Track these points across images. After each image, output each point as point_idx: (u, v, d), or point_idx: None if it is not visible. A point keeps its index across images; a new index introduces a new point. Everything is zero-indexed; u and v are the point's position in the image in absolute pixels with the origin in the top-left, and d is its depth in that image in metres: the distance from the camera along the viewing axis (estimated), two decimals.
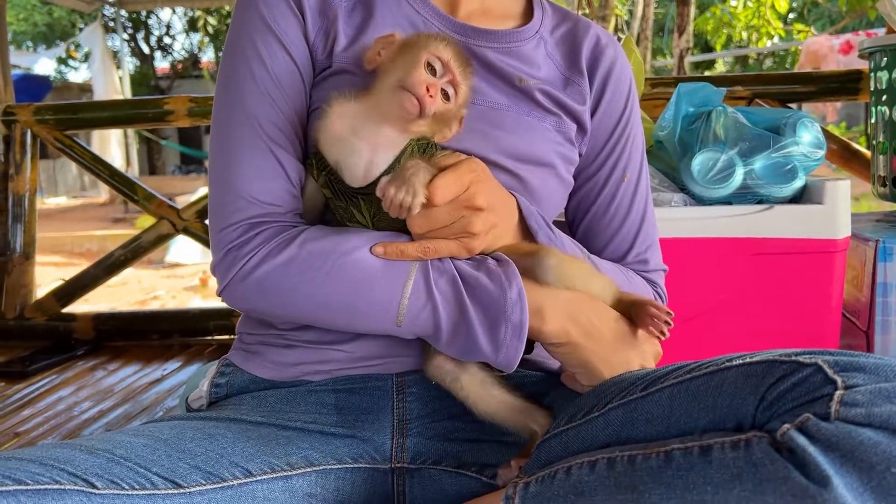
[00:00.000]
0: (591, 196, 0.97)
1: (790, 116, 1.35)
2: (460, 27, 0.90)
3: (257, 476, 0.79)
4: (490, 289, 0.77)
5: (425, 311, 0.78)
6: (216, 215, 0.84)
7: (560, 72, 0.94)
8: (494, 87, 0.90)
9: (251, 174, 0.82)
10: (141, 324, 2.20)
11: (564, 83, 0.94)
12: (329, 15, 0.87)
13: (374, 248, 0.79)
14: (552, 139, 0.91)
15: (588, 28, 0.98)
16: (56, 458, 0.71)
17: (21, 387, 1.81)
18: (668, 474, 0.63)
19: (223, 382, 0.94)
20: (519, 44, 0.92)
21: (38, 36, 13.87)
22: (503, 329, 0.77)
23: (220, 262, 0.83)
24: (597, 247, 0.98)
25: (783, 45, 9.42)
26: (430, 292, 0.78)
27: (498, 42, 0.91)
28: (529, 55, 0.92)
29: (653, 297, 0.98)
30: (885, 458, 0.55)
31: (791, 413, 0.60)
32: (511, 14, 0.96)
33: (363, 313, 0.79)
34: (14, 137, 2.21)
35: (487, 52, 0.90)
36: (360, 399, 0.87)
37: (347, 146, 0.79)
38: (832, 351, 0.64)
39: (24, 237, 2.21)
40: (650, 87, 1.91)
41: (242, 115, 0.83)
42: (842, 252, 1.30)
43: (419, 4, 0.90)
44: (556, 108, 0.92)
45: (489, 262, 0.80)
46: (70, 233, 7.01)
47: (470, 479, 0.84)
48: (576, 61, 0.95)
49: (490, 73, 0.90)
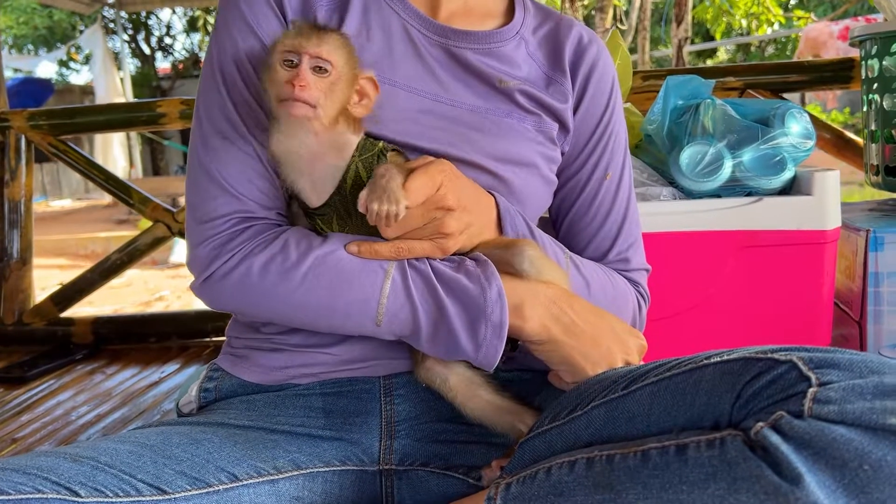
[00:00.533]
0: (574, 194, 0.97)
1: (779, 107, 1.34)
2: (440, 29, 0.90)
3: (244, 480, 0.80)
4: (469, 289, 0.78)
5: (404, 311, 0.78)
6: (197, 209, 0.84)
7: (543, 71, 0.94)
8: (474, 89, 0.90)
9: (235, 171, 0.83)
10: (139, 327, 2.21)
11: (547, 82, 0.94)
12: (309, 16, 0.87)
13: (347, 246, 0.79)
14: (533, 139, 0.91)
15: (570, 27, 0.98)
16: (39, 466, 0.71)
17: (20, 392, 1.82)
18: (644, 473, 0.63)
19: (212, 387, 0.94)
20: (499, 44, 0.92)
21: (39, 39, 13.88)
22: (483, 328, 0.77)
23: (200, 256, 0.83)
24: (579, 245, 0.98)
25: (784, 32, 9.36)
26: (409, 292, 0.78)
27: (478, 43, 0.91)
28: (510, 55, 0.92)
29: (634, 298, 0.98)
30: (858, 455, 0.55)
31: (766, 411, 0.60)
32: (493, 13, 0.96)
33: (342, 313, 0.80)
34: (8, 143, 2.21)
35: (468, 53, 0.90)
36: (348, 402, 0.87)
37: (291, 170, 0.80)
38: (808, 347, 0.64)
39: (20, 242, 2.22)
40: (641, 79, 1.91)
41: (225, 115, 0.84)
42: (832, 243, 1.29)
43: (399, 6, 0.90)
44: (538, 108, 0.92)
45: (468, 263, 0.80)
46: (74, 235, 7.03)
47: (457, 481, 0.85)
48: (558, 60, 0.95)
49: (470, 75, 0.90)
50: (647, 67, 6.39)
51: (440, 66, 0.89)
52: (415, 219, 0.77)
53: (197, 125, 0.86)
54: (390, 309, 0.78)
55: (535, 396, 0.88)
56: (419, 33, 0.89)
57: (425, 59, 0.89)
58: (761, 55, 13.38)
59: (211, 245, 0.82)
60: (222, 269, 0.81)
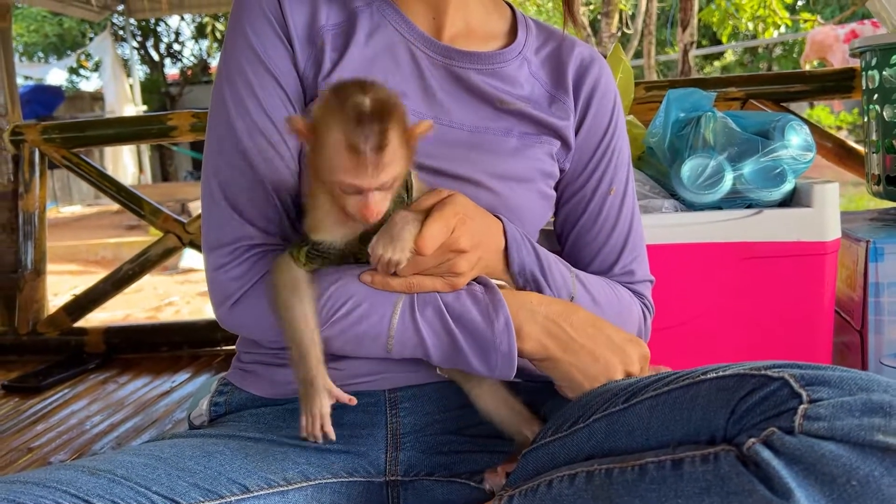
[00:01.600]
0: (579, 210, 0.99)
1: (779, 120, 1.36)
2: (444, 49, 0.92)
3: (254, 492, 0.82)
4: (478, 322, 0.81)
5: (412, 341, 0.81)
6: (208, 235, 0.87)
7: (545, 90, 0.96)
8: (476, 110, 0.92)
9: (244, 198, 0.85)
10: (150, 336, 2.24)
11: (549, 101, 0.96)
12: (317, 42, 0.89)
13: (361, 276, 0.81)
14: (532, 157, 0.93)
15: (573, 47, 0.99)
16: (59, 480, 0.73)
17: (35, 402, 1.85)
18: (642, 487, 0.65)
19: (222, 401, 0.97)
20: (502, 65, 0.94)
21: (49, 47, 13.99)
22: (494, 356, 0.81)
23: (217, 283, 0.86)
24: (585, 259, 0.99)
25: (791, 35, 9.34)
26: (416, 324, 0.81)
27: (481, 64, 0.93)
28: (512, 75, 0.94)
29: (639, 310, 1.00)
30: (846, 470, 0.57)
31: (758, 427, 0.62)
32: (495, 34, 0.98)
33: (354, 340, 0.82)
34: (23, 156, 2.25)
35: (471, 73, 0.92)
36: (354, 415, 0.89)
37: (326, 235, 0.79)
38: (801, 364, 0.66)
39: (34, 253, 2.26)
40: (644, 90, 1.92)
41: (234, 142, 0.86)
42: (832, 254, 1.31)
43: (404, 28, 0.92)
44: (539, 127, 0.94)
45: (476, 291, 0.83)
46: (85, 241, 7.07)
47: (461, 486, 0.87)
48: (561, 79, 0.97)
49: (473, 96, 0.92)
50: (653, 72, 6.39)
51: (442, 88, 0.91)
52: (429, 261, 0.79)
53: (208, 149, 0.89)
54: (399, 339, 0.81)
55: (541, 406, 0.90)
56: (423, 54, 0.91)
57: (428, 80, 0.91)
58: (769, 57, 13.32)
59: (227, 275, 0.85)
60: (239, 304, 0.85)
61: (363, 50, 0.89)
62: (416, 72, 0.91)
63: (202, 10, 11.00)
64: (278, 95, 0.87)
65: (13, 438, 1.62)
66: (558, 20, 2.78)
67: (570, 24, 1.03)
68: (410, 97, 0.89)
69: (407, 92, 0.89)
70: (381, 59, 0.90)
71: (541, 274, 0.88)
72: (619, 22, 5.59)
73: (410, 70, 0.91)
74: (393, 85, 0.88)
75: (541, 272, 0.88)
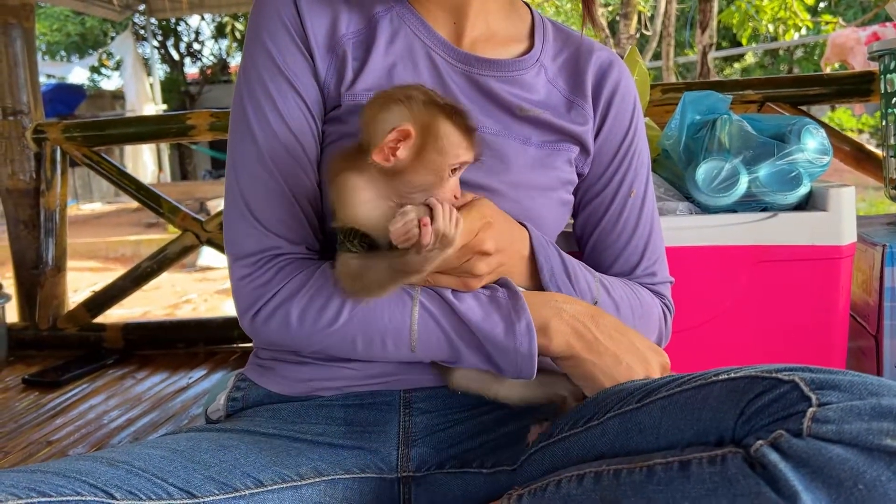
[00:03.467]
0: (599, 213, 0.99)
1: (795, 123, 1.36)
2: (464, 56, 0.92)
3: (268, 486, 0.83)
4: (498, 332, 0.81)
5: (435, 335, 0.82)
6: (231, 243, 0.88)
7: (563, 96, 0.96)
8: (495, 116, 0.92)
9: (267, 209, 0.86)
10: (168, 333, 2.27)
11: (568, 106, 0.96)
12: (338, 52, 0.89)
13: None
14: (552, 165, 0.93)
15: (591, 52, 1.00)
16: (78, 470, 0.75)
17: (54, 396, 1.88)
18: (649, 489, 0.65)
19: (239, 396, 0.98)
20: (520, 72, 0.95)
21: (71, 46, 14.15)
22: (516, 358, 0.81)
23: (241, 294, 0.87)
24: (606, 261, 1.00)
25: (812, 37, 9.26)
26: (437, 321, 0.82)
27: (500, 71, 0.93)
28: (530, 83, 0.95)
29: (660, 310, 1.00)
30: (853, 474, 0.57)
31: (766, 429, 0.62)
32: (516, 38, 0.98)
33: (379, 344, 0.84)
34: (45, 154, 2.29)
35: (491, 81, 0.93)
36: (368, 413, 0.90)
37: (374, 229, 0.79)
38: (813, 368, 0.66)
39: (55, 250, 2.29)
40: (661, 92, 1.92)
41: (256, 154, 0.87)
42: (847, 258, 1.30)
43: (425, 35, 0.92)
44: (557, 133, 0.94)
45: (499, 295, 0.83)
46: (104, 238, 7.14)
47: (473, 476, 0.87)
48: (580, 84, 0.97)
49: (492, 103, 0.92)
50: (671, 74, 6.36)
51: (462, 93, 0.92)
52: (450, 260, 0.79)
53: (230, 160, 0.89)
54: (422, 335, 0.82)
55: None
56: (443, 60, 0.92)
57: (448, 86, 0.91)
58: (789, 60, 13.21)
59: (251, 285, 0.86)
60: (263, 314, 0.86)
61: (384, 57, 0.90)
62: (436, 78, 0.91)
63: (222, 10, 11.07)
64: (298, 107, 0.88)
65: (33, 431, 1.64)
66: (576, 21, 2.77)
67: (588, 25, 1.03)
68: None
69: None
70: (402, 66, 0.91)
71: (567, 279, 0.89)
72: (638, 23, 5.57)
73: (430, 76, 0.91)
74: None
75: (567, 278, 0.89)
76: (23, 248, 2.31)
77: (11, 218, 2.32)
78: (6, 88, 2.28)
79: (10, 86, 2.28)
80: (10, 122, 2.29)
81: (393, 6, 0.93)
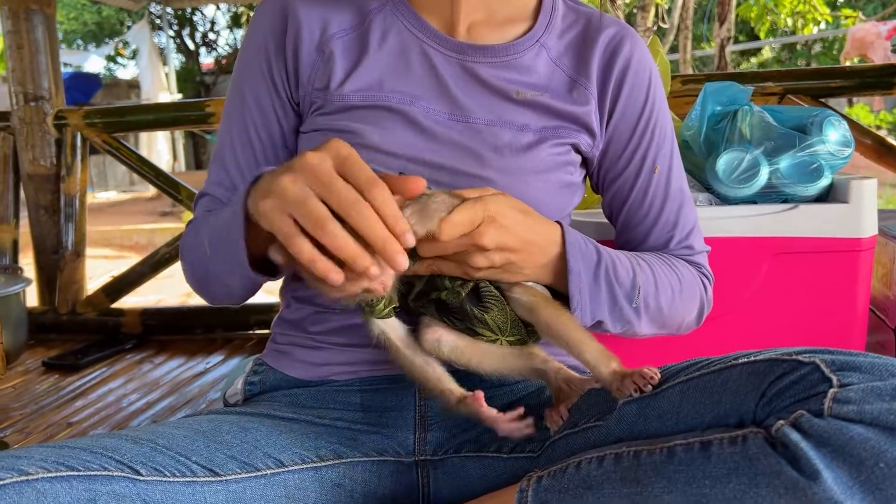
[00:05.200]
0: (625, 191, 0.97)
1: (817, 115, 1.35)
2: (458, 46, 0.92)
3: (289, 466, 0.84)
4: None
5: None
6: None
7: (567, 75, 0.94)
8: (490, 104, 0.91)
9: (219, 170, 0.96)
10: (185, 318, 2.28)
11: (570, 86, 0.94)
12: (325, 51, 0.91)
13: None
14: (550, 151, 0.92)
15: (601, 27, 0.96)
16: (104, 446, 0.76)
17: (74, 379, 1.90)
18: (669, 469, 0.65)
19: (257, 380, 0.99)
20: (517, 55, 0.93)
21: (88, 35, 14.22)
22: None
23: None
24: (637, 238, 0.98)
25: (831, 32, 9.17)
26: None
27: (495, 56, 0.92)
28: (528, 65, 0.93)
29: (699, 281, 0.98)
30: (874, 453, 0.57)
31: (787, 410, 0.62)
32: (518, 17, 0.96)
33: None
34: (65, 140, 2.31)
35: (483, 67, 0.91)
36: (385, 398, 0.91)
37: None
38: (833, 350, 0.66)
39: (75, 235, 2.31)
40: (681, 83, 1.91)
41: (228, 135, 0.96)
42: (868, 251, 1.30)
43: (418, 29, 0.92)
44: (557, 118, 0.93)
45: None
46: (120, 226, 7.20)
47: (491, 459, 0.87)
48: (586, 62, 0.94)
49: (486, 90, 0.91)
50: (688, 67, 6.32)
51: (456, 84, 0.91)
52: (449, 247, 0.77)
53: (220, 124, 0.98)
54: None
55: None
56: (437, 52, 0.91)
57: (442, 78, 0.91)
58: (808, 54, 13.09)
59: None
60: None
61: (377, 54, 0.91)
62: (429, 71, 0.91)
63: (237, 0, 11.10)
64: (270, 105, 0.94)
65: (53, 413, 1.67)
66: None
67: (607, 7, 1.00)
68: (425, 97, 0.90)
69: (423, 91, 0.90)
70: (394, 62, 0.91)
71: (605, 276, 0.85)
72: (655, 16, 5.54)
73: (423, 70, 0.91)
74: (406, 84, 0.90)
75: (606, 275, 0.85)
76: (43, 233, 2.33)
77: (32, 203, 2.34)
78: (28, 74, 2.30)
79: (32, 72, 2.30)
80: (31, 108, 2.31)
81: (386, 2, 0.93)
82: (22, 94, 2.30)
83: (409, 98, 0.89)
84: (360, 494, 0.87)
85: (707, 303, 1.00)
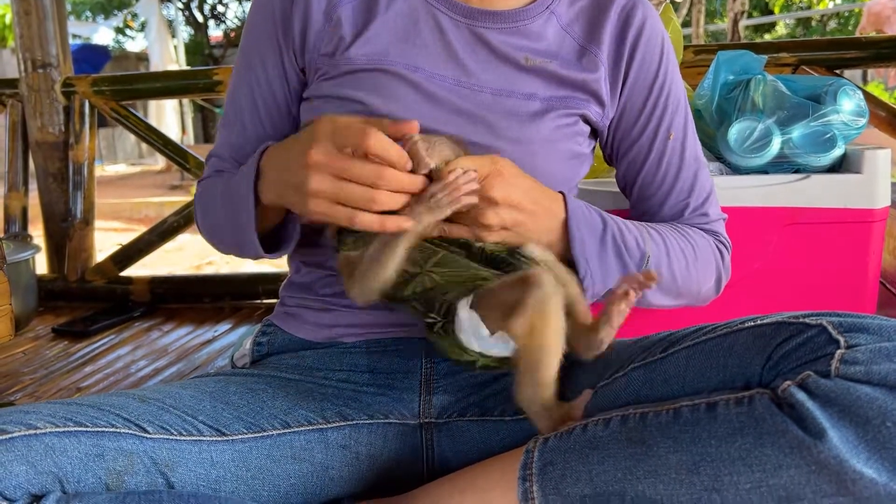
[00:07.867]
0: (640, 160, 0.97)
1: (831, 84, 1.33)
2: (467, 11, 0.91)
3: (294, 428, 0.85)
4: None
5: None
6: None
7: (577, 42, 0.93)
8: (499, 71, 0.90)
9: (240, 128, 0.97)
10: (194, 287, 2.29)
11: (579, 54, 0.93)
12: (332, 17, 0.90)
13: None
14: (556, 120, 0.91)
15: None
16: (112, 404, 0.77)
17: (83, 345, 1.92)
18: (675, 429, 0.66)
19: (264, 341, 1.00)
20: (526, 22, 0.92)
21: (97, 6, 14.18)
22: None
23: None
24: (653, 208, 0.98)
25: (847, 6, 9.03)
26: None
27: (504, 22, 0.91)
28: (538, 31, 0.92)
29: (715, 249, 0.97)
30: (881, 412, 0.57)
31: (794, 371, 0.62)
32: None
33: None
34: (73, 108, 2.30)
35: (492, 33, 0.90)
36: (391, 360, 0.91)
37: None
38: (840, 313, 0.66)
39: (84, 204, 2.31)
40: (693, 53, 1.89)
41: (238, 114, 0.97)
42: (880, 222, 1.28)
43: None
44: (566, 86, 0.92)
45: None
46: (129, 199, 7.22)
47: (494, 423, 0.87)
48: (597, 30, 0.93)
49: (494, 56, 0.90)
50: (700, 41, 6.25)
51: (464, 50, 0.90)
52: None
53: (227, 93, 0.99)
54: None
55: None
56: (447, 17, 0.90)
57: (450, 44, 0.90)
58: (822, 30, 12.93)
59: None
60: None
61: (384, 17, 0.90)
62: (438, 35, 0.90)
63: None
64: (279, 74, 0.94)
65: (62, 378, 1.68)
66: None
67: None
68: (434, 61, 0.89)
69: (430, 56, 0.89)
70: (403, 26, 0.90)
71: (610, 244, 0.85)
72: None
73: (432, 34, 0.90)
74: (413, 50, 0.89)
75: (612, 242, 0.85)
76: (52, 201, 2.33)
77: (41, 171, 2.34)
78: (36, 41, 2.28)
79: (40, 38, 2.29)
80: (39, 75, 2.30)
81: None
82: (30, 61, 2.30)
83: (413, 63, 0.88)
84: (365, 456, 0.87)
85: (725, 271, 0.99)
